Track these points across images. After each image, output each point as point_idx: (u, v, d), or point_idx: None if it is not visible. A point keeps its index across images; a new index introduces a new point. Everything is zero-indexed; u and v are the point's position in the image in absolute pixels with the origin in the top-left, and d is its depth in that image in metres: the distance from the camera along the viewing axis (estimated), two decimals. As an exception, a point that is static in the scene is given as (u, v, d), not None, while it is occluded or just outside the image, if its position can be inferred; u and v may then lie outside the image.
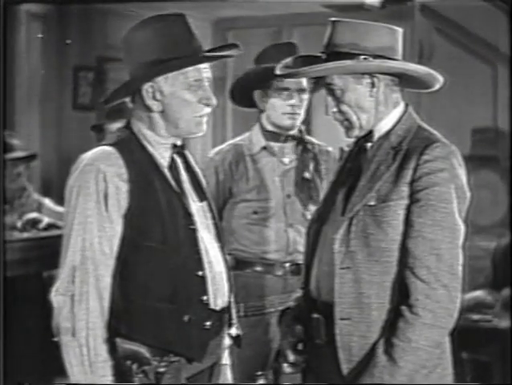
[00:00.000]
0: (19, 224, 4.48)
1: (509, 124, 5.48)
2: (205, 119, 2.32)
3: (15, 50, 5.72)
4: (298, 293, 2.50)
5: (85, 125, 2.33)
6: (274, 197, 3.25)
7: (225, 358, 2.46)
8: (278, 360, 2.46)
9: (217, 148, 3.41)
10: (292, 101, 3.20)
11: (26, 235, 4.42)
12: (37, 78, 5.88)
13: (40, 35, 5.84)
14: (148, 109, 2.29)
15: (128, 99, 2.35)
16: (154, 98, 2.27)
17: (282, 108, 3.22)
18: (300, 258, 3.13)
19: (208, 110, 2.31)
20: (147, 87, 2.26)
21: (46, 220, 4.50)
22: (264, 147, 3.29)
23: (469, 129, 6.05)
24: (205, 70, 2.29)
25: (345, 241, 2.26)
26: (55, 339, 2.23)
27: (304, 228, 2.50)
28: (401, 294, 2.23)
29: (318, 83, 2.42)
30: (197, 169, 2.46)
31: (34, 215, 4.54)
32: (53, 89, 6.01)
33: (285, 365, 2.42)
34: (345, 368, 2.26)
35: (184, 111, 2.28)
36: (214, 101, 2.30)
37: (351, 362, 2.25)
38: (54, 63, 5.99)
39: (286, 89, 3.20)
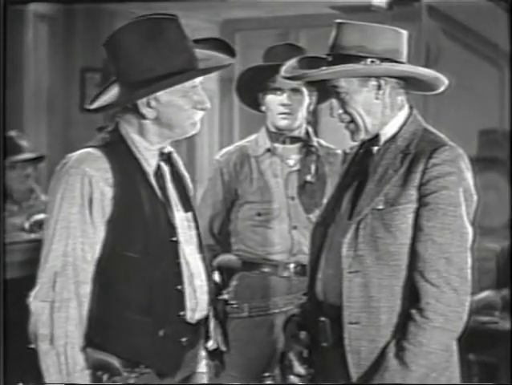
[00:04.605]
0: (27, 225, 4.49)
1: (509, 125, 5.48)
2: (199, 121, 2.28)
3: (23, 52, 5.73)
4: (302, 300, 2.49)
5: (92, 127, 2.33)
6: (278, 199, 3.25)
7: (202, 367, 2.41)
8: (283, 362, 2.46)
9: (223, 150, 3.42)
10: (284, 101, 3.21)
11: (33, 236, 4.42)
12: (44, 79, 5.90)
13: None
14: (142, 116, 2.23)
15: None
16: (149, 106, 2.22)
17: (276, 109, 3.23)
18: (305, 259, 3.14)
19: (202, 113, 2.28)
20: None
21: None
22: (269, 149, 3.29)
23: (476, 131, 6.05)
24: None
25: (353, 245, 2.26)
26: (32, 346, 2.18)
27: (309, 231, 2.51)
28: (411, 298, 2.23)
29: (325, 90, 2.41)
30: (186, 175, 2.42)
31: (41, 216, 4.54)
32: (60, 90, 6.02)
33: (291, 377, 2.42)
34: (354, 372, 2.26)
35: (179, 117, 2.24)
36: (208, 104, 2.26)
37: (361, 367, 2.25)
38: (61, 65, 6.00)
39: (279, 89, 3.21)
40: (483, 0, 5.57)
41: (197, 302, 2.28)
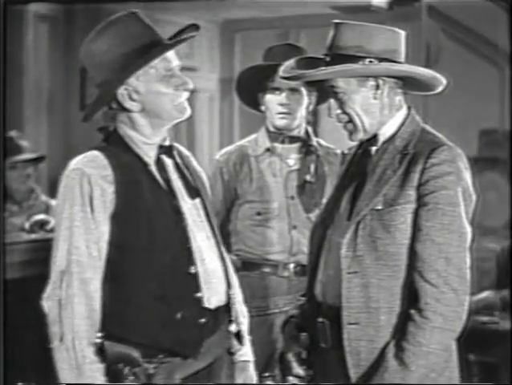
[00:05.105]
0: (27, 225, 4.49)
1: (509, 125, 5.48)
2: (186, 103, 2.32)
3: (23, 52, 5.73)
4: (301, 302, 2.49)
5: (93, 127, 2.34)
6: (277, 199, 3.26)
7: (245, 355, 2.47)
8: (283, 363, 2.46)
9: (223, 150, 3.43)
10: (282, 100, 3.22)
11: (33, 236, 4.43)
12: (45, 79, 5.89)
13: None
14: (128, 111, 2.29)
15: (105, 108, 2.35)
16: (131, 99, 2.28)
17: (275, 108, 3.24)
18: (305, 259, 3.14)
19: (186, 94, 2.31)
20: (121, 91, 2.27)
21: (53, 221, 4.50)
22: (268, 149, 3.30)
23: (476, 131, 6.05)
24: (172, 58, 2.30)
25: (352, 246, 2.26)
26: (51, 346, 2.24)
27: (308, 231, 2.52)
28: (410, 298, 2.23)
29: (325, 91, 2.41)
30: (193, 163, 2.46)
31: (41, 216, 4.55)
32: (60, 91, 6.01)
33: (290, 378, 2.42)
34: (353, 372, 2.26)
35: (164, 102, 2.28)
36: (191, 84, 2.31)
37: (360, 367, 2.25)
38: (61, 65, 6.00)
39: (278, 89, 3.22)
40: (483, 0, 5.57)
41: (210, 286, 2.31)
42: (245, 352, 2.48)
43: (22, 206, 4.69)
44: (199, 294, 2.28)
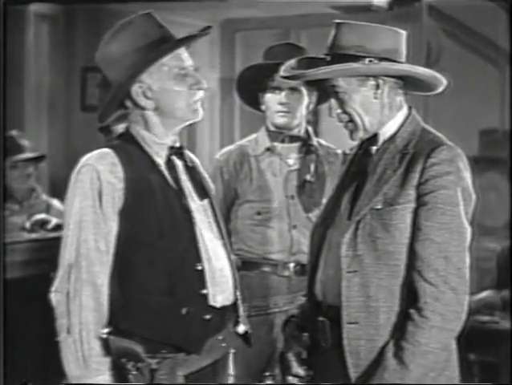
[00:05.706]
0: (28, 224, 4.50)
1: (509, 125, 5.48)
2: (199, 104, 2.34)
3: (23, 52, 5.73)
4: (301, 301, 2.50)
5: (93, 126, 2.35)
6: (277, 198, 3.26)
7: (230, 368, 2.47)
8: (283, 363, 2.46)
9: (223, 150, 3.43)
10: (282, 99, 3.23)
11: (34, 236, 4.43)
12: (45, 79, 5.90)
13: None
14: (142, 109, 2.32)
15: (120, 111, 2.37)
16: (146, 96, 2.30)
17: (274, 107, 3.25)
18: (305, 259, 3.14)
19: (201, 94, 2.33)
20: (136, 89, 2.29)
21: (54, 220, 4.51)
22: (268, 148, 3.31)
23: (477, 131, 6.06)
24: (186, 58, 2.33)
25: (352, 245, 2.27)
26: (58, 339, 2.25)
27: (308, 230, 2.53)
28: (409, 297, 2.24)
29: (324, 90, 2.42)
30: (201, 170, 2.48)
31: (42, 216, 4.55)
32: (61, 90, 6.02)
33: (290, 378, 2.42)
34: (353, 372, 2.26)
35: (178, 101, 2.31)
36: (205, 84, 2.33)
37: (360, 367, 2.26)
38: (62, 64, 6.01)
39: (277, 88, 3.23)
40: (483, 0, 5.57)
41: (216, 285, 2.33)
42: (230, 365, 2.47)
43: (22, 205, 4.69)
44: (204, 291, 2.30)
